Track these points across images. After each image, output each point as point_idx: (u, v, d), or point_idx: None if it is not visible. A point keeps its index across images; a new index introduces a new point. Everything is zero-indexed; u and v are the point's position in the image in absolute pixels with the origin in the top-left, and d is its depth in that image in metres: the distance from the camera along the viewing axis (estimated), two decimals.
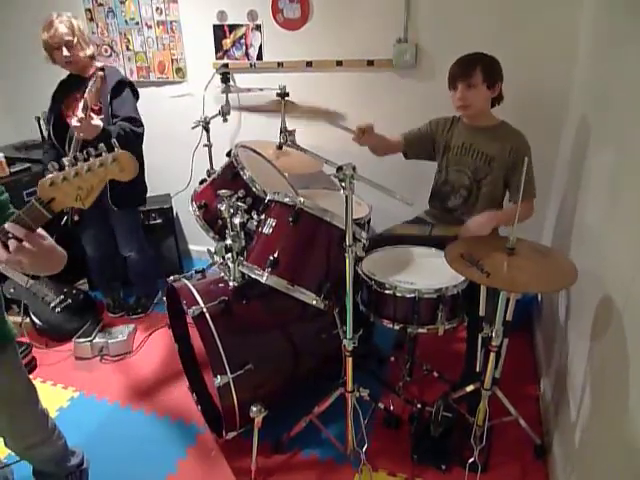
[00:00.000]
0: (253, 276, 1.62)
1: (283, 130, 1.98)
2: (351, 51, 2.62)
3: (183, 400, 2.18)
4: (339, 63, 2.66)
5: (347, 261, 1.47)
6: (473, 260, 1.45)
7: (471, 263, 1.44)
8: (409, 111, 2.52)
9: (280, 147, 2.27)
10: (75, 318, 2.69)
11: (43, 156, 2.66)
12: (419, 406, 1.95)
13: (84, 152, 1.01)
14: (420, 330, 1.74)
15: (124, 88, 2.37)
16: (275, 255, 1.59)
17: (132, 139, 2.28)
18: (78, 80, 2.35)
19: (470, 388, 1.78)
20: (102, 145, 1.01)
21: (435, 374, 2.19)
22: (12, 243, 1.01)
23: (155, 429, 2.07)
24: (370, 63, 2.60)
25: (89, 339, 2.50)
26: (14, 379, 1.39)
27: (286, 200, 1.63)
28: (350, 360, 1.65)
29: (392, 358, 2.35)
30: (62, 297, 2.71)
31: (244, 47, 2.81)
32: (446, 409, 1.83)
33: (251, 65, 2.83)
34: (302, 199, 1.61)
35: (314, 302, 1.61)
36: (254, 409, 1.70)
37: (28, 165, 2.93)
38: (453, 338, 2.47)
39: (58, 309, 2.66)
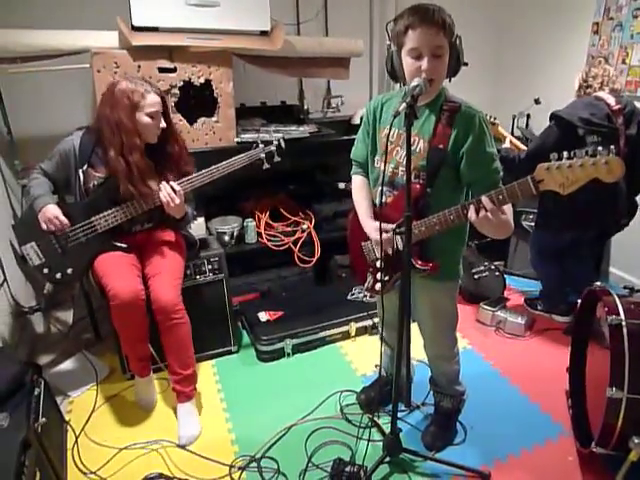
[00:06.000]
0: None
1: None
2: None
3: (560, 399, 2.28)
4: None
5: None
6: None
7: None
8: None
9: None
10: (485, 289, 3.13)
11: None
12: None
13: (585, 151, 1.22)
14: None
15: (550, 120, 2.43)
16: None
17: (509, 166, 2.36)
18: None
19: None
20: (589, 149, 1.19)
21: None
22: (482, 212, 1.39)
23: (523, 408, 2.26)
24: None
25: (493, 309, 2.88)
26: (449, 304, 1.87)
27: None
28: None
29: None
30: (482, 269, 3.19)
31: None
32: None
33: None
34: None
35: None
36: (636, 441, 1.64)
37: None
38: None
39: (476, 276, 3.16)
